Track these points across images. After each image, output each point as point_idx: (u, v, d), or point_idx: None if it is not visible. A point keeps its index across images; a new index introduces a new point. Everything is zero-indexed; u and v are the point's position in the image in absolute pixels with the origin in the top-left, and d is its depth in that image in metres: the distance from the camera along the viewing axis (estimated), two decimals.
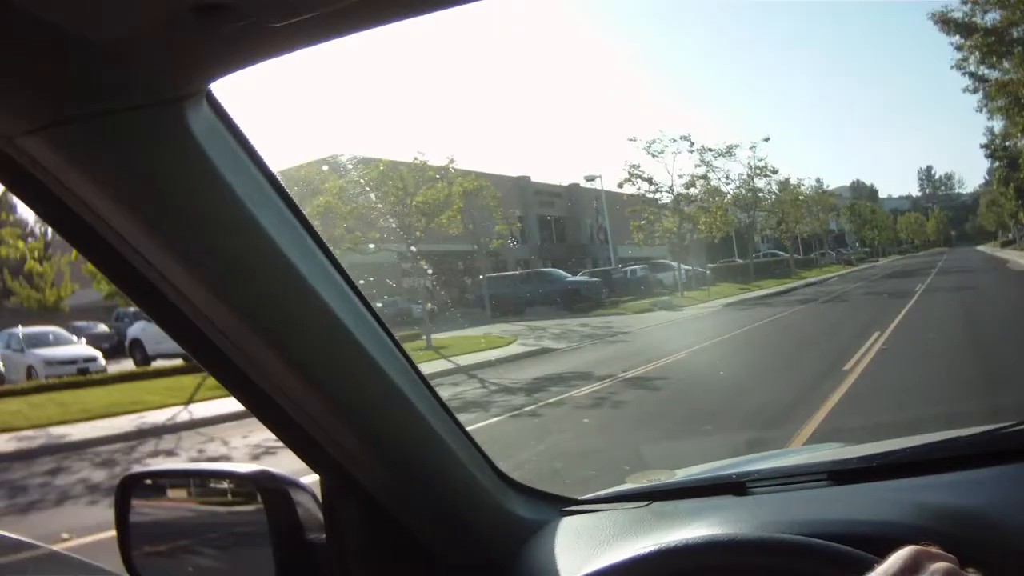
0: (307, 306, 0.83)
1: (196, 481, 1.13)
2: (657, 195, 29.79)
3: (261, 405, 0.90)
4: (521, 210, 36.46)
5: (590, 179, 35.61)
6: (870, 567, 0.57)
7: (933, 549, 0.58)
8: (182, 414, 10.49)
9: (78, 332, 20.37)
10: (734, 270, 37.17)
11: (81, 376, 15.81)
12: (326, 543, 0.99)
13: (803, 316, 17.23)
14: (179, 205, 0.72)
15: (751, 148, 41.21)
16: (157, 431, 9.62)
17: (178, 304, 0.80)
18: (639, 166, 29.66)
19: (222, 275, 0.77)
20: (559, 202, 40.17)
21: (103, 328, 24.61)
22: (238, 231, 0.76)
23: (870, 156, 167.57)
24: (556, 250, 38.34)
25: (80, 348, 18.22)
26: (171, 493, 1.11)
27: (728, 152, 31.60)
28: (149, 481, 1.12)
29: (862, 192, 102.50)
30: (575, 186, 40.08)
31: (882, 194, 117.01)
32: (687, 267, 31.36)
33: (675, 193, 29.51)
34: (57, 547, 3.46)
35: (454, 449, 1.02)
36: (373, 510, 0.99)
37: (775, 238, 46.41)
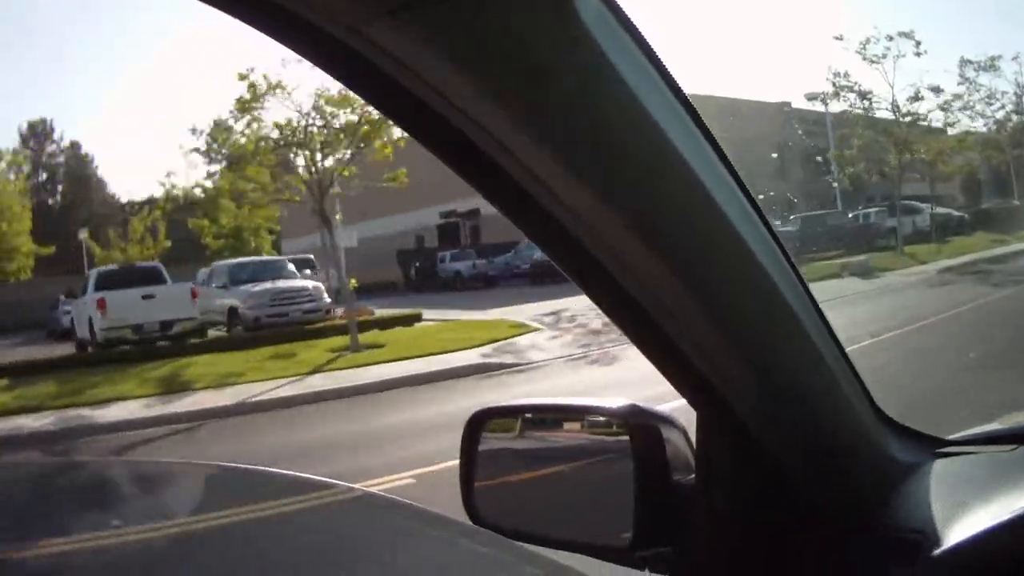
0: (701, 214, 0.75)
1: (554, 417, 1.10)
2: (871, 113, 24.91)
3: (642, 328, 0.84)
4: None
5: (812, 98, 29.00)
6: None
7: None
8: None
9: None
10: (1001, 215, 29.25)
11: None
12: (695, 483, 0.93)
13: None
14: (563, 103, 0.65)
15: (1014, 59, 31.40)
16: None
17: (555, 213, 0.74)
18: (847, 74, 24.85)
19: (610, 178, 0.70)
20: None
21: None
22: (628, 127, 0.68)
23: None
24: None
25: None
26: (526, 430, 1.09)
27: (991, 66, 26.27)
28: (502, 418, 1.10)
29: None
30: (786, 105, 35.10)
31: None
32: (943, 209, 27.09)
33: (901, 111, 24.15)
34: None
35: (840, 382, 0.93)
36: (748, 449, 0.92)
37: None
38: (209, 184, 19.85)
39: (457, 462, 1.09)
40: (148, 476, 1.71)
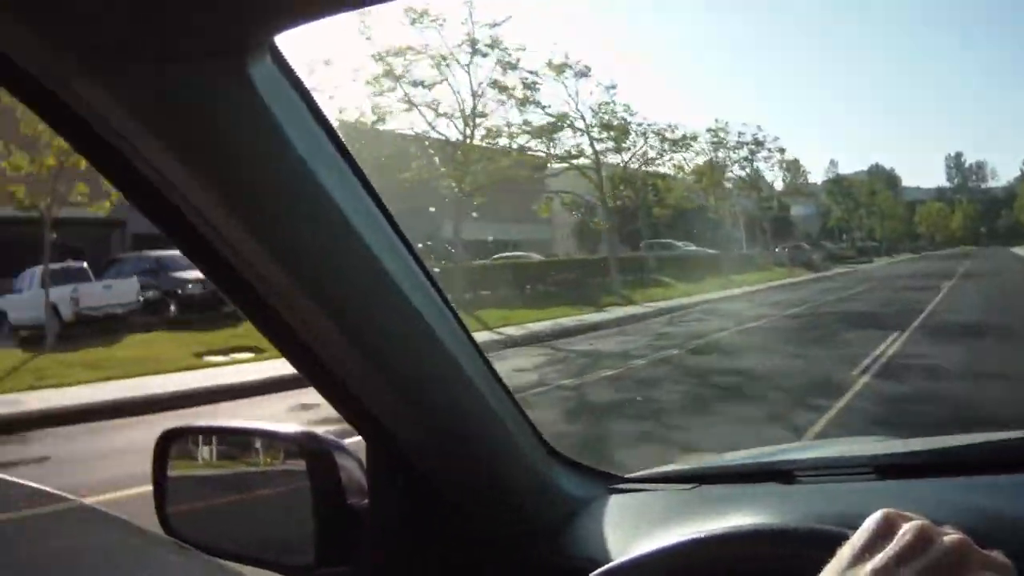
0: (360, 263, 0.82)
1: (237, 439, 1.12)
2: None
3: (310, 365, 0.90)
4: None
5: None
6: (846, 539, 0.56)
7: (906, 512, 0.57)
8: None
9: None
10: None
11: None
12: (368, 509, 0.99)
13: None
14: (236, 156, 0.71)
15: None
16: None
17: (227, 256, 0.80)
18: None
19: (275, 229, 0.76)
20: None
21: None
22: (294, 186, 0.75)
23: (892, 139, 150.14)
24: None
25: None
26: (211, 450, 1.12)
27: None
28: (189, 437, 1.12)
29: (880, 177, 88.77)
30: None
31: (907, 182, 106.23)
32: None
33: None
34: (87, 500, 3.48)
35: (504, 419, 1.01)
36: (416, 481, 0.99)
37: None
38: None
39: None
40: None
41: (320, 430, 1.00)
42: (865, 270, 35.44)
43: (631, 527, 1.02)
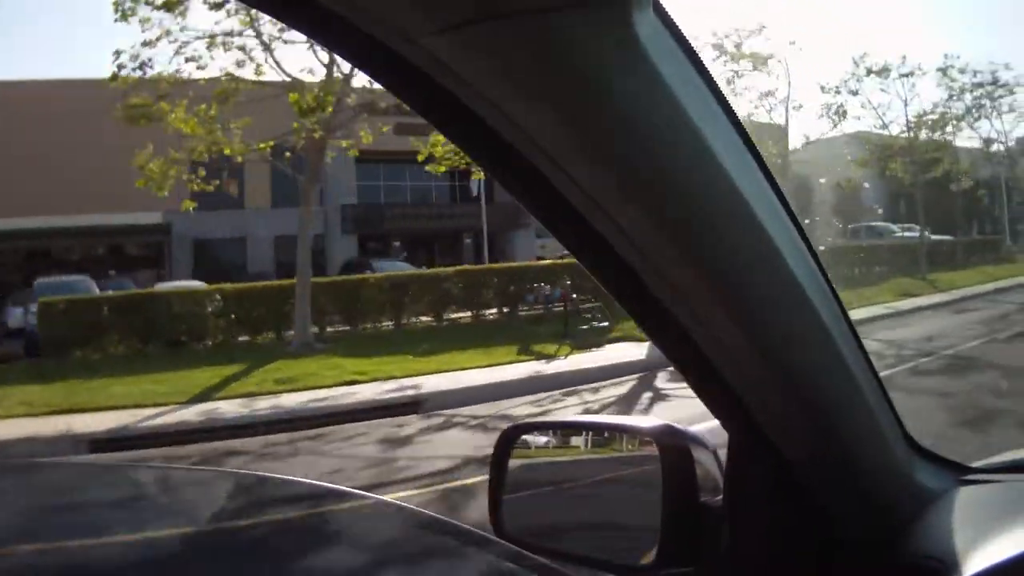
0: (749, 237, 0.76)
1: (587, 435, 1.11)
2: None
3: (682, 351, 0.86)
4: None
5: None
6: None
7: None
8: None
9: None
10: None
11: None
12: (722, 506, 0.94)
13: None
14: (624, 121, 0.65)
15: None
16: None
17: (603, 231, 0.75)
18: None
19: (661, 197, 0.71)
20: None
21: None
22: (694, 161, 0.69)
23: None
24: None
25: None
26: (557, 447, 1.09)
27: None
28: (534, 434, 1.11)
29: None
30: None
31: None
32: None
33: None
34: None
35: (877, 413, 0.94)
36: (780, 478, 0.93)
37: None
38: None
39: None
40: (166, 481, 1.72)
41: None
42: None
43: (989, 523, 0.94)
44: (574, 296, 15.44)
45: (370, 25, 0.61)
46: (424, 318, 17.09)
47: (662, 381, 9.45)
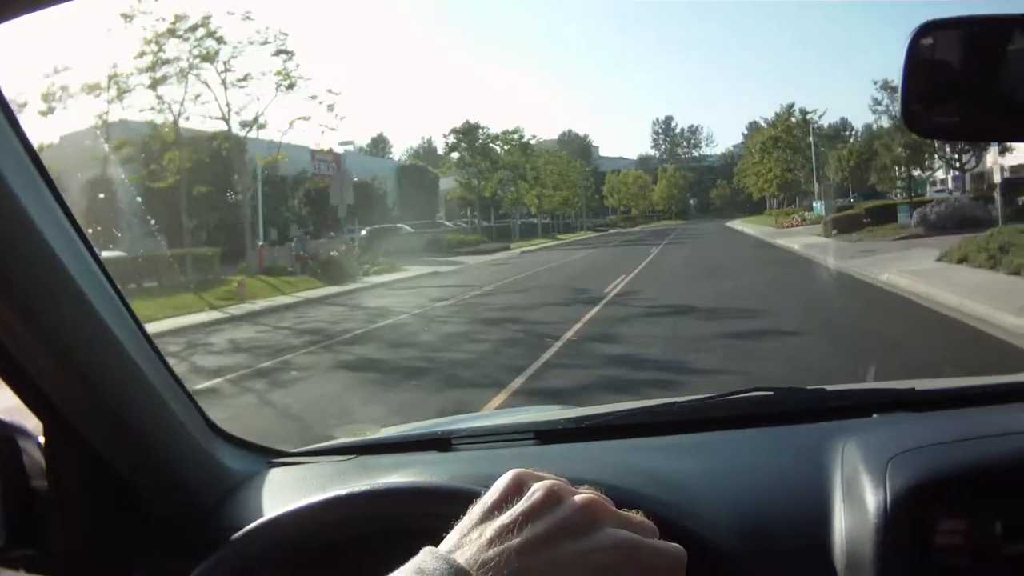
0: (28, 242, 0.86)
1: None
2: None
3: None
4: None
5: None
6: (479, 497, 0.56)
7: (540, 472, 0.58)
8: None
9: None
10: None
11: None
12: (48, 491, 1.01)
13: None
14: None
15: None
16: None
17: None
18: None
19: None
20: None
21: None
22: None
23: (591, 108, 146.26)
24: None
25: None
26: None
27: None
28: None
29: (572, 145, 77.78)
30: None
31: (608, 152, 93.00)
32: None
33: None
34: None
35: (165, 397, 1.05)
36: (91, 460, 1.02)
37: None
38: None
39: None
40: None
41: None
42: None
43: (288, 498, 1.03)
44: None
45: None
46: None
47: None
